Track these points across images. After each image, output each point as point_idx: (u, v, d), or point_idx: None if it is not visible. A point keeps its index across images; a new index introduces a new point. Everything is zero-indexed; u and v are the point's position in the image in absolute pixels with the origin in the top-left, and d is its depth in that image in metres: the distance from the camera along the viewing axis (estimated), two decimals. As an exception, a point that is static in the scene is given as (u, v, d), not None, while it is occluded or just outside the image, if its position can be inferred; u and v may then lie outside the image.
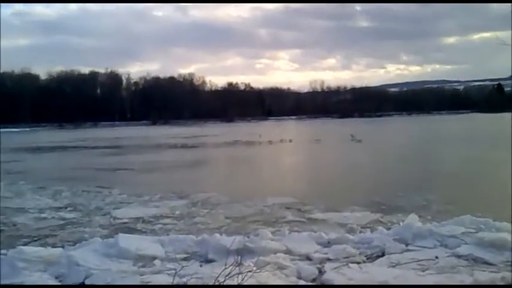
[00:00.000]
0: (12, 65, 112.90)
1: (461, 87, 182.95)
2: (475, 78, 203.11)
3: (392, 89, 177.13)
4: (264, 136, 41.66)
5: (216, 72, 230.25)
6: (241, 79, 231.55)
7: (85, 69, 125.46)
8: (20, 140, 47.17)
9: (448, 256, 5.94)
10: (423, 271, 5.39)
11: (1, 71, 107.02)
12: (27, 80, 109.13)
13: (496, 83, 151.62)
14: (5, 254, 6.10)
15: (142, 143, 41.06)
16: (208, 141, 40.99)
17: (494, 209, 8.97)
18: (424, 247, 6.36)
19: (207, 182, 16.18)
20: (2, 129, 69.19)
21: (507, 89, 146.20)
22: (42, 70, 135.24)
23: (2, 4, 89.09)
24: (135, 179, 17.49)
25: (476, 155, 22.60)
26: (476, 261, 5.71)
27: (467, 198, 11.49)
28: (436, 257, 5.88)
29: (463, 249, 6.05)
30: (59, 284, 5.31)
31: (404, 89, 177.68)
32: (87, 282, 5.47)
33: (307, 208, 10.53)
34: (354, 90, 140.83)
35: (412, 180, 15.28)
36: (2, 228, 9.25)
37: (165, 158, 26.77)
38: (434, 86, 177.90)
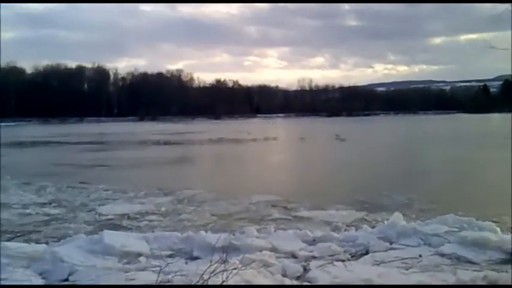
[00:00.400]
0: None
1: (447, 88, 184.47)
2: (461, 79, 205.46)
3: (380, 89, 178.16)
4: (249, 134, 41.78)
5: (204, 68, 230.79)
6: (229, 76, 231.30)
7: (72, 64, 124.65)
8: (3, 134, 46.61)
9: (431, 255, 6.01)
10: (407, 269, 5.44)
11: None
12: (12, 73, 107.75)
13: (482, 84, 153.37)
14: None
15: (126, 139, 40.75)
16: (193, 138, 40.88)
17: (476, 208, 9.10)
18: (408, 245, 6.42)
19: (188, 179, 16.02)
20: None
21: (493, 90, 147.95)
22: (28, 64, 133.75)
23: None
24: (114, 175, 17.32)
25: (459, 155, 22.79)
26: (459, 260, 5.79)
27: (449, 198, 11.59)
28: (420, 256, 5.95)
29: (446, 248, 6.12)
30: (44, 283, 5.26)
31: (392, 88, 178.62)
32: (71, 278, 5.44)
33: (292, 206, 10.54)
34: (342, 89, 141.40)
35: (393, 180, 15.28)
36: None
37: (147, 154, 26.64)
38: (421, 86, 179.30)
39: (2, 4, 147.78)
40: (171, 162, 22.29)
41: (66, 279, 5.43)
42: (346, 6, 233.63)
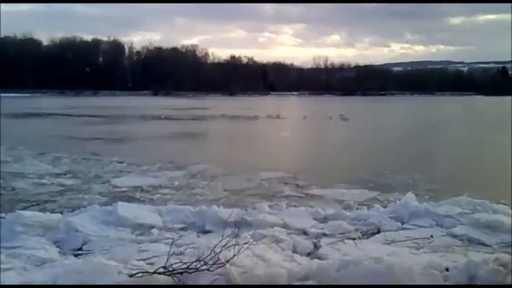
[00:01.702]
0: (15, 30, 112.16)
1: (465, 69, 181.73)
2: (480, 60, 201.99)
3: (396, 68, 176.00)
4: (254, 111, 41.95)
5: (219, 44, 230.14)
6: (243, 52, 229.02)
7: (87, 37, 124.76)
8: (13, 105, 47.07)
9: (443, 236, 5.99)
10: (417, 249, 5.45)
11: (3, 35, 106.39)
12: (29, 45, 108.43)
13: (501, 65, 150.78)
14: (4, 218, 6.15)
15: (129, 113, 40.92)
16: (195, 113, 40.93)
17: (481, 189, 8.96)
18: (420, 226, 6.41)
19: (166, 153, 15.89)
20: (2, 94, 68.97)
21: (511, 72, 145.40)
22: (45, 36, 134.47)
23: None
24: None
25: (470, 138, 22.58)
26: (471, 241, 5.77)
27: (455, 179, 11.53)
28: (431, 236, 5.94)
29: (458, 230, 6.10)
30: (58, 252, 5.35)
31: (409, 68, 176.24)
32: (85, 248, 5.53)
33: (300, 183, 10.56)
34: (358, 68, 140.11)
35: (380, 160, 15.25)
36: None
37: (141, 129, 26.80)
38: (438, 66, 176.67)
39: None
40: (154, 137, 22.17)
41: (80, 249, 5.52)
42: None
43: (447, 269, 4.53)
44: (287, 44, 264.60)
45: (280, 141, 21.84)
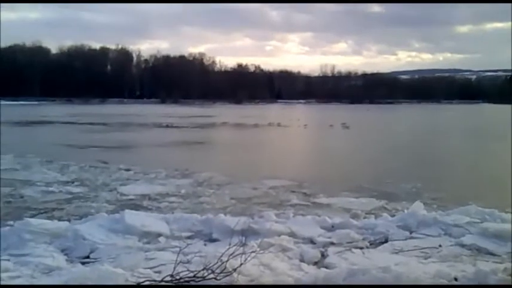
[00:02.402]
0: (23, 38, 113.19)
1: (473, 77, 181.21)
2: (488, 69, 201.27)
3: (404, 77, 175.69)
4: (256, 119, 42.13)
5: (226, 52, 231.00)
6: (250, 60, 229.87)
7: (96, 45, 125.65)
8: (18, 113, 47.44)
9: (451, 245, 5.95)
10: (426, 259, 5.41)
11: (12, 44, 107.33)
12: (38, 53, 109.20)
13: (509, 74, 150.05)
14: (12, 225, 6.19)
15: (133, 121, 41.10)
16: (198, 121, 40.97)
17: (483, 197, 8.91)
18: (428, 235, 6.37)
19: (161, 162, 15.77)
20: (10, 102, 69.59)
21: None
22: (53, 44, 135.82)
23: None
24: (94, 156, 16.83)
25: (473, 147, 22.53)
26: (479, 251, 5.73)
27: (454, 188, 11.55)
28: (440, 246, 5.89)
29: (467, 239, 6.06)
30: (66, 260, 5.37)
31: (416, 76, 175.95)
32: (92, 256, 5.54)
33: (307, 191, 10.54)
34: (365, 76, 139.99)
35: (375, 169, 15.11)
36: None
37: (140, 137, 26.78)
38: (446, 74, 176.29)
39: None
40: (151, 145, 22.16)
41: (87, 257, 5.53)
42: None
43: (456, 279, 4.51)
44: (294, 52, 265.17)
45: (275, 150, 21.70)
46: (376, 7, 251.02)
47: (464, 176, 13.99)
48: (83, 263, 5.27)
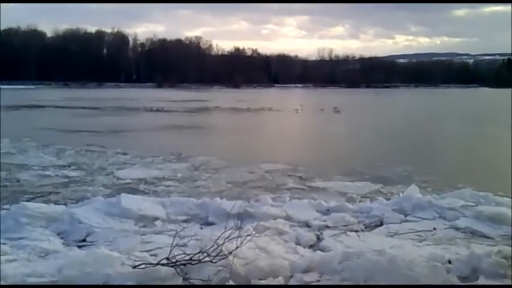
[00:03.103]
0: (19, 22, 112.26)
1: (470, 61, 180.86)
2: (485, 52, 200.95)
3: (401, 60, 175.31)
4: (249, 103, 42.18)
5: (223, 36, 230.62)
6: (247, 44, 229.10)
7: (91, 28, 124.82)
8: (14, 97, 47.28)
9: (446, 228, 5.99)
10: (420, 242, 5.45)
11: (7, 27, 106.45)
12: (33, 37, 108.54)
13: (506, 57, 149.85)
14: (9, 209, 6.20)
15: (125, 105, 40.98)
16: (190, 106, 40.84)
17: (473, 182, 8.94)
18: (423, 218, 6.41)
19: (147, 146, 15.85)
20: (6, 86, 69.25)
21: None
22: (49, 28, 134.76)
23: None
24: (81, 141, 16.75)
25: (468, 131, 22.48)
26: (474, 234, 5.77)
27: (447, 171, 11.59)
28: (434, 229, 5.94)
29: (461, 222, 6.10)
30: (62, 243, 5.38)
31: (413, 60, 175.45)
32: (89, 239, 5.56)
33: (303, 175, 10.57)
34: (363, 60, 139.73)
35: (356, 152, 15.19)
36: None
37: (129, 121, 26.64)
38: (444, 58, 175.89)
39: None
40: (136, 129, 22.02)
41: (84, 240, 5.55)
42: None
43: (450, 262, 4.55)
44: (291, 35, 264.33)
45: (262, 134, 21.67)
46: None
47: (456, 160, 14.00)
48: (79, 247, 5.28)
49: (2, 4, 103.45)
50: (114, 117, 28.93)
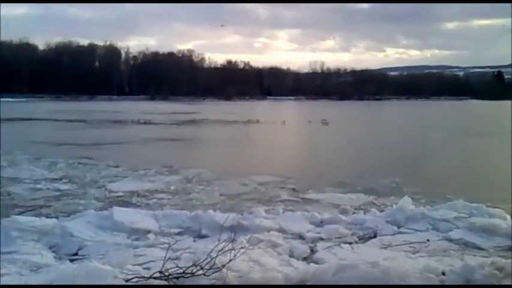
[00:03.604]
0: (10, 34, 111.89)
1: (461, 73, 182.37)
2: (475, 65, 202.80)
3: (392, 73, 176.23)
4: (237, 116, 42.33)
5: (215, 49, 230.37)
6: (239, 57, 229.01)
7: (84, 41, 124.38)
8: (4, 110, 46.95)
9: (439, 240, 6.01)
10: (414, 253, 5.45)
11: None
12: (25, 49, 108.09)
13: (496, 70, 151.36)
14: (-1, 223, 6.13)
15: (112, 118, 40.77)
16: (178, 118, 40.73)
17: (461, 192, 8.98)
18: (416, 230, 6.43)
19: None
20: (-2, 99, 68.86)
21: (507, 76, 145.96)
22: (41, 41, 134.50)
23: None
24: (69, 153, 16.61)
25: (456, 143, 22.48)
26: (467, 245, 5.79)
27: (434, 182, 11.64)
28: (428, 240, 5.95)
29: (454, 234, 6.12)
30: (54, 257, 5.33)
31: (405, 73, 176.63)
32: (81, 253, 5.51)
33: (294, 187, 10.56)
34: (354, 73, 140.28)
35: (337, 164, 15.22)
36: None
37: (113, 134, 26.31)
38: (435, 71, 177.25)
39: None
40: (120, 142, 21.77)
41: (76, 254, 5.50)
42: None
43: (443, 273, 4.54)
44: (282, 48, 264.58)
45: (246, 146, 21.57)
46: (363, 4, 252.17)
47: (444, 171, 14.05)
48: (71, 260, 5.23)
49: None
50: (100, 130, 28.74)
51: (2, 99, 73.11)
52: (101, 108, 58.17)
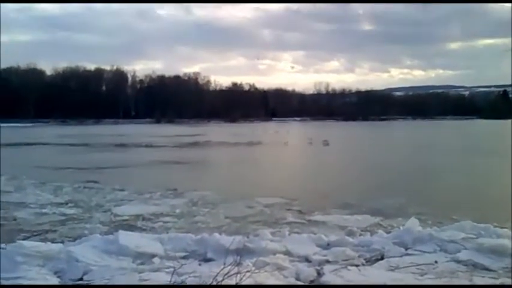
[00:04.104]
0: (18, 60, 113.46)
1: (466, 93, 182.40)
2: (480, 84, 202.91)
3: (398, 93, 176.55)
4: (240, 138, 42.77)
5: (220, 71, 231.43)
6: (244, 79, 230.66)
7: (90, 66, 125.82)
8: (10, 135, 47.35)
9: (447, 261, 5.93)
10: (422, 275, 5.38)
11: (6, 66, 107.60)
12: (32, 75, 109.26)
13: (502, 89, 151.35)
14: (5, 248, 6.11)
15: (115, 141, 40.83)
16: (180, 141, 40.73)
17: (466, 213, 8.93)
18: (424, 251, 6.35)
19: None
20: (4, 124, 69.43)
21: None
22: (48, 66, 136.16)
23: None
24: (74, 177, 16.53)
25: (461, 162, 22.36)
26: (475, 266, 5.71)
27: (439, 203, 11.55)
28: (436, 262, 5.87)
29: (462, 255, 6.04)
30: (59, 282, 5.30)
31: (410, 93, 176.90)
32: (86, 278, 5.48)
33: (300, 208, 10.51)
34: (359, 93, 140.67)
35: (339, 188, 14.90)
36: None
37: (113, 157, 26.37)
38: (440, 91, 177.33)
39: (15, 7, 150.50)
40: (118, 165, 21.60)
41: (81, 279, 5.47)
42: (360, 10, 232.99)
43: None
44: (287, 70, 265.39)
45: (247, 168, 21.47)
46: (366, 25, 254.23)
47: (448, 191, 13.95)
48: (76, 286, 5.20)
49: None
50: (101, 154, 28.78)
51: (9, 124, 73.80)
52: (106, 132, 58.44)
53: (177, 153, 29.70)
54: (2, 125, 67.24)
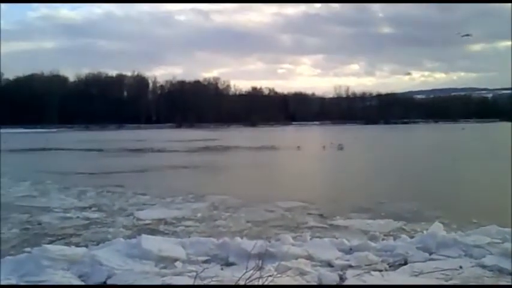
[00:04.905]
0: (42, 67, 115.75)
1: (489, 96, 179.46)
2: (504, 86, 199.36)
3: (419, 96, 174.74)
4: (254, 142, 43.13)
5: (239, 76, 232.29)
6: (264, 84, 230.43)
7: (112, 72, 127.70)
8: (35, 140, 48.16)
9: (472, 266, 5.83)
10: (447, 281, 5.30)
11: (30, 73, 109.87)
12: (56, 81, 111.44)
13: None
14: (30, 252, 6.22)
15: (131, 146, 41.04)
16: (193, 145, 40.89)
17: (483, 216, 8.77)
18: (449, 256, 6.25)
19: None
20: (30, 130, 70.80)
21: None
22: (71, 72, 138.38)
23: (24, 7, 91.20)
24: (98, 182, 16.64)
25: (479, 167, 21.79)
26: (501, 271, 5.60)
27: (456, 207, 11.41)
28: (461, 267, 5.77)
29: (488, 260, 5.93)
30: (82, 283, 5.37)
31: (431, 96, 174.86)
32: (109, 282, 5.53)
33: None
34: (380, 97, 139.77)
35: (344, 193, 14.62)
36: None
37: (138, 161, 26.74)
38: (462, 93, 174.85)
39: (38, 15, 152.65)
40: (129, 170, 21.52)
41: (104, 282, 5.52)
42: (379, 13, 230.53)
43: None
44: (306, 74, 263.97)
45: (250, 172, 21.51)
46: (386, 28, 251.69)
47: (465, 195, 13.78)
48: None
49: (23, 50, 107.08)
50: (114, 159, 29.06)
51: (34, 130, 75.26)
52: (124, 137, 59.11)
53: (186, 158, 29.82)
54: (27, 130, 68.57)
